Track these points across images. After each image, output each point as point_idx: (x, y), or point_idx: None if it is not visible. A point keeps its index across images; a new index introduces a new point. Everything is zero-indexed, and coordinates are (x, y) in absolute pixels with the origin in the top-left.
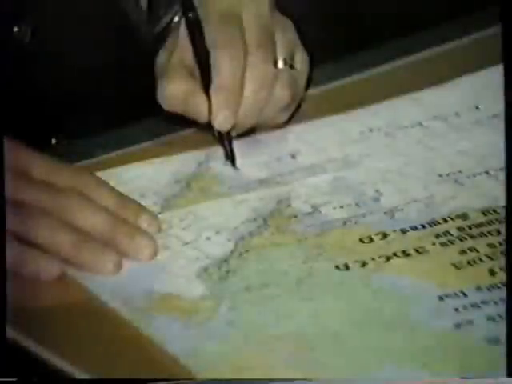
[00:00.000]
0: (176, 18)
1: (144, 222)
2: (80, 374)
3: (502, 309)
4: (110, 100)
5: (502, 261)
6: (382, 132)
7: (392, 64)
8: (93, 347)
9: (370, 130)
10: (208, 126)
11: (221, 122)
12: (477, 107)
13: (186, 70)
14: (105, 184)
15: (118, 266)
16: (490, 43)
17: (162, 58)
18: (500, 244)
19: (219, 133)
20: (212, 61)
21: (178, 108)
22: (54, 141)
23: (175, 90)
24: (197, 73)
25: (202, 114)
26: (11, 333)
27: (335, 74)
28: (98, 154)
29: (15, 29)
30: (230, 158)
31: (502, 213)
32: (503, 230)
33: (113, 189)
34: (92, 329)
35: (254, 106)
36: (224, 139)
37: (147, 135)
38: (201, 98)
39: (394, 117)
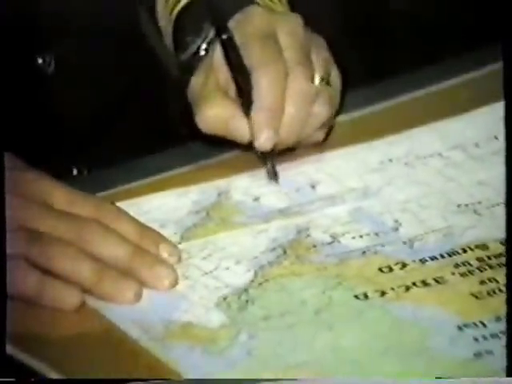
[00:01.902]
0: (204, 45)
1: (164, 252)
2: None
3: None
4: (131, 130)
5: None
6: (401, 162)
7: (411, 94)
8: (111, 376)
9: (390, 160)
10: (249, 146)
11: (263, 141)
12: (496, 138)
13: (223, 93)
14: (125, 214)
15: (138, 296)
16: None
17: (196, 82)
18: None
19: (262, 152)
20: (253, 81)
21: (219, 131)
22: (75, 171)
23: (215, 114)
24: (233, 95)
25: (243, 135)
26: (28, 360)
27: (354, 105)
28: (118, 184)
29: (39, 60)
30: (273, 176)
31: None
32: None
33: (133, 219)
34: (110, 357)
35: (296, 123)
36: (267, 158)
37: (168, 165)
38: (241, 120)
39: (413, 147)
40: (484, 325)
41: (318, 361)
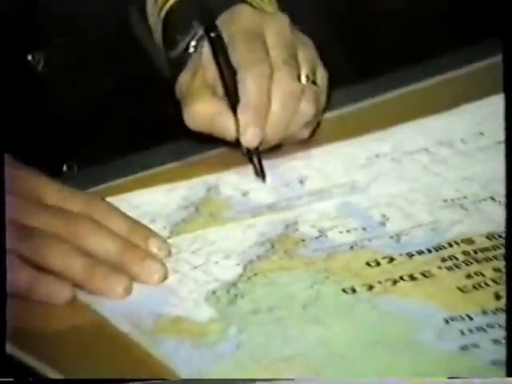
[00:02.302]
0: (193, 43)
1: (154, 247)
2: None
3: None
4: (120, 126)
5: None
6: (388, 158)
7: (398, 91)
8: (103, 370)
9: (377, 156)
10: (236, 143)
11: (249, 138)
12: (481, 133)
13: (211, 90)
14: (116, 209)
15: (128, 290)
16: (493, 72)
17: (184, 79)
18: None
19: (247, 149)
20: (239, 79)
21: (206, 128)
22: (65, 167)
23: (202, 111)
24: (220, 92)
25: (229, 132)
26: (19, 354)
27: (342, 101)
28: (108, 180)
29: (29, 57)
30: (260, 173)
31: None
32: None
33: (123, 214)
34: (102, 352)
35: (281, 121)
36: (253, 155)
37: (157, 161)
38: (228, 117)
39: (399, 143)
40: (470, 318)
41: (306, 354)
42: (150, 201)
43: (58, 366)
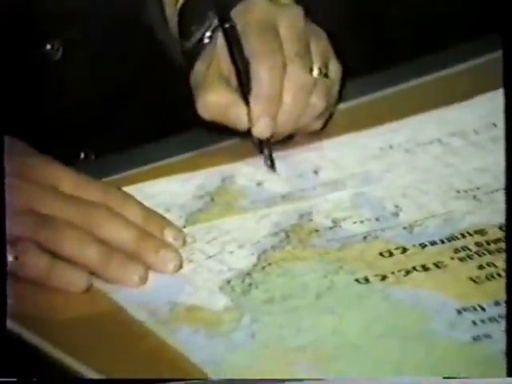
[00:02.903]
0: (208, 33)
1: (169, 236)
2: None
3: None
4: (136, 116)
5: None
6: (401, 148)
7: (411, 82)
8: (118, 357)
9: (390, 147)
10: (248, 134)
11: (261, 129)
12: (494, 125)
13: (224, 80)
14: (131, 198)
15: (144, 279)
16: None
17: (198, 69)
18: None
19: (259, 140)
20: (251, 70)
21: (219, 117)
22: (82, 155)
23: (215, 100)
24: (234, 82)
25: (242, 123)
26: (34, 339)
27: (356, 92)
28: (124, 169)
29: (47, 46)
30: (270, 164)
31: None
32: None
33: (139, 203)
34: (118, 340)
35: (293, 113)
36: (264, 146)
37: (173, 151)
38: (240, 107)
39: (413, 134)
40: (483, 309)
41: (319, 344)
42: (166, 190)
43: (72, 352)
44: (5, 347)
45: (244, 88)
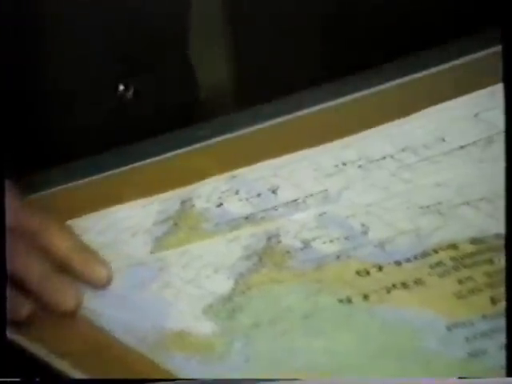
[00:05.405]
0: None
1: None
2: None
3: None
4: None
5: (502, 289)
6: (355, 165)
7: (357, 95)
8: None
9: (344, 164)
10: None
11: None
12: (443, 139)
13: None
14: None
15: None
16: (452, 76)
17: None
18: (496, 273)
19: None
20: None
21: None
22: None
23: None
24: None
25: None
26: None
27: (301, 105)
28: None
29: (121, 87)
30: None
31: (491, 242)
32: (496, 258)
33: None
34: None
35: None
36: None
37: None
38: None
39: (364, 149)
40: (472, 324)
41: (315, 365)
42: (131, 215)
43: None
44: (8, 347)
45: None
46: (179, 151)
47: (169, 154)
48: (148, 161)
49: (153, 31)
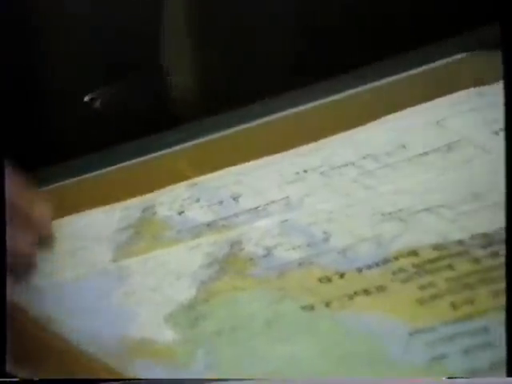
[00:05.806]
0: None
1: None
2: None
3: (472, 341)
4: None
5: (464, 294)
6: (316, 172)
7: (319, 102)
8: None
9: (305, 171)
10: None
11: None
12: (403, 146)
13: None
14: None
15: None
16: (414, 83)
17: None
18: (457, 278)
19: None
20: None
21: None
22: None
23: None
24: None
25: None
26: None
27: (263, 112)
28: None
29: (86, 97)
30: None
31: (453, 248)
32: (457, 264)
33: None
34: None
35: None
36: None
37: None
38: None
39: (326, 157)
40: (433, 329)
41: (278, 373)
42: (93, 222)
43: None
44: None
45: None
46: (141, 158)
47: (132, 161)
48: (110, 168)
49: (127, 37)
